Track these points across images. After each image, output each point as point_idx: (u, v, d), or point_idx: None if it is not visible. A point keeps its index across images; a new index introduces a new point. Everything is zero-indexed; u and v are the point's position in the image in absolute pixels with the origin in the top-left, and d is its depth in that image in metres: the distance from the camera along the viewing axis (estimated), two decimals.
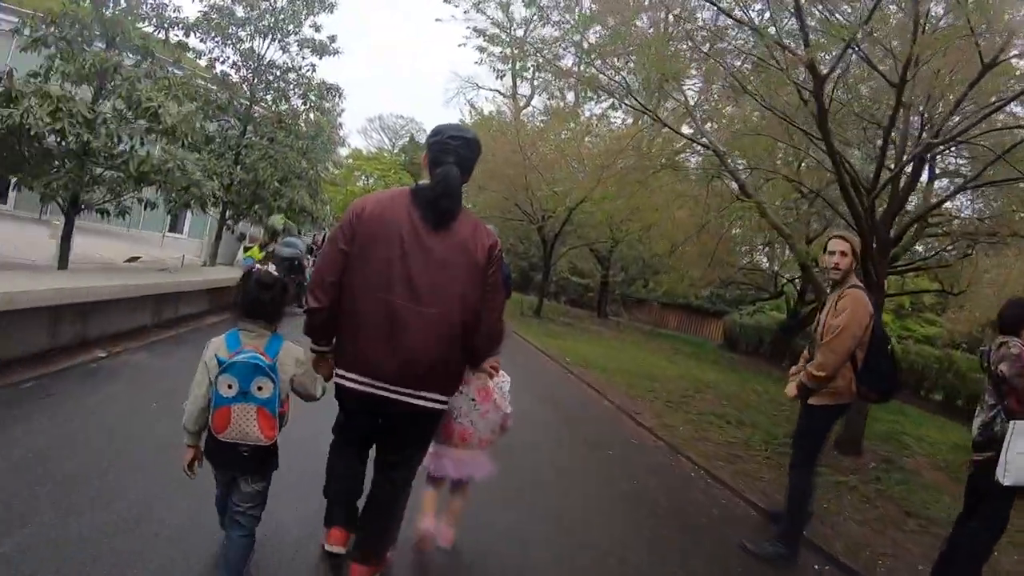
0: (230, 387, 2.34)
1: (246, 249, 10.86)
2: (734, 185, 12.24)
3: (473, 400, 3.00)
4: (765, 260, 20.80)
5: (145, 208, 8.86)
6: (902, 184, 7.15)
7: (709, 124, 9.57)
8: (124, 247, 16.33)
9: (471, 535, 3.37)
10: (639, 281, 29.15)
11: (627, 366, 11.90)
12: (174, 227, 26.43)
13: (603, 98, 10.97)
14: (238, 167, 11.46)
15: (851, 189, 6.57)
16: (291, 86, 12.31)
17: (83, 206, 8.01)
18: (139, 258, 10.53)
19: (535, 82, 33.52)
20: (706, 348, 21.05)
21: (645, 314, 31.30)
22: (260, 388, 2.36)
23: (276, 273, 2.58)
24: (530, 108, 27.58)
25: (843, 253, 4.06)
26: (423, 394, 2.55)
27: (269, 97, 12.45)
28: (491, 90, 34.34)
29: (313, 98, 12.52)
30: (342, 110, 19.57)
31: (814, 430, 4.25)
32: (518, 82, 33.38)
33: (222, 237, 12.56)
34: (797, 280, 19.27)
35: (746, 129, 8.75)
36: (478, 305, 2.56)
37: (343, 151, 55.46)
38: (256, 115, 12.29)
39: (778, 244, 17.63)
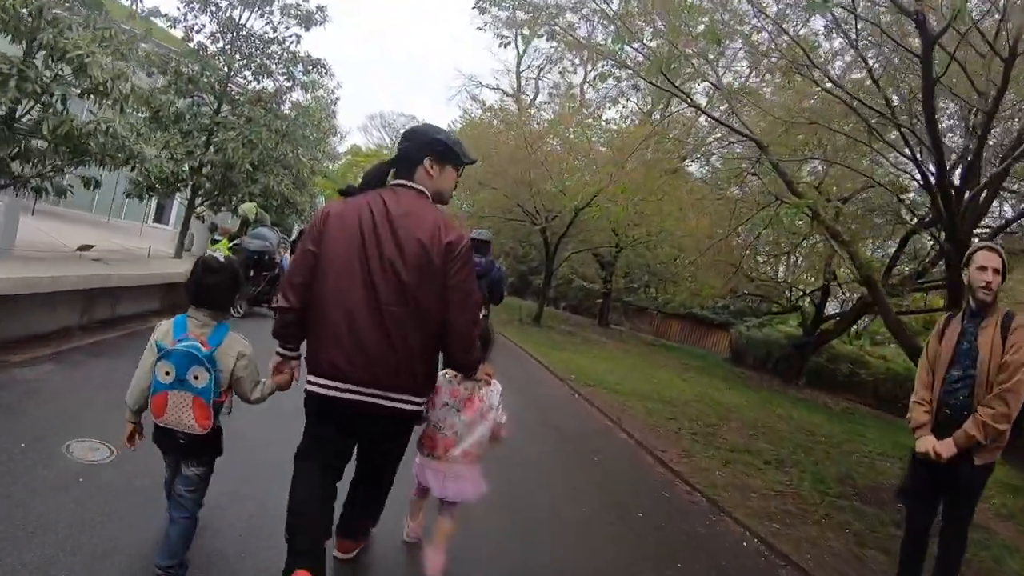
0: (167, 374, 2.35)
1: (214, 241, 9.57)
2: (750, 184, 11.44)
3: (458, 411, 2.90)
4: (781, 270, 19.57)
5: (88, 188, 7.50)
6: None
7: (747, 112, 8.30)
8: (93, 235, 15.08)
9: None
10: (642, 289, 28.28)
11: (639, 385, 10.66)
12: (160, 217, 25.08)
13: (622, 79, 9.67)
14: (210, 148, 10.12)
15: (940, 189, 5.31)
16: (274, 61, 10.97)
17: (5, 182, 6.64)
18: (92, 247, 9.19)
19: (540, 81, 32.74)
20: (712, 362, 20.08)
21: (646, 323, 30.12)
22: (196, 377, 2.36)
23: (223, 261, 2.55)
24: (535, 109, 26.27)
25: (996, 271, 3.26)
26: (389, 395, 2.49)
27: (249, 73, 11.12)
28: (495, 88, 32.94)
29: (298, 74, 11.17)
30: (336, 98, 18.38)
31: (975, 493, 3.40)
32: (523, 82, 32.41)
33: (189, 227, 11.21)
34: (810, 294, 18.24)
35: (791, 116, 7.51)
36: (436, 304, 2.49)
37: (341, 147, 55.31)
38: (233, 92, 10.95)
39: (797, 254, 16.54)
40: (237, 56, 10.72)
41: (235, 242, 9.29)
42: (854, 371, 17.57)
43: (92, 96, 6.01)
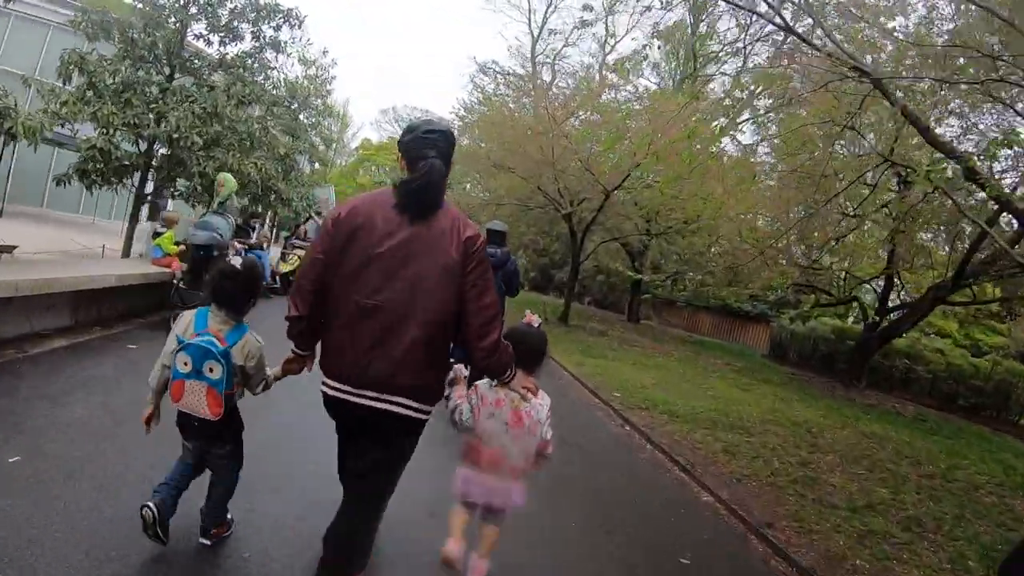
0: (185, 364, 2.53)
1: (157, 234, 7.62)
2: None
3: (505, 424, 2.75)
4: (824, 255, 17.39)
5: None
6: None
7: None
8: (56, 235, 13.38)
9: None
10: (671, 281, 26.45)
11: (697, 402, 8.62)
12: (156, 214, 23.50)
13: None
14: (162, 125, 8.16)
15: None
16: (236, 16, 8.98)
17: None
18: (15, 248, 7.38)
19: (555, 65, 30.62)
20: (755, 360, 18.20)
21: (676, 317, 28.21)
22: (211, 370, 2.52)
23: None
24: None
25: None
26: (391, 399, 2.39)
27: (215, 37, 9.17)
28: (510, 73, 30.76)
29: (267, 30, 9.19)
30: (333, 76, 16.50)
31: None
32: (538, 68, 30.28)
33: (138, 218, 9.28)
34: (868, 283, 16.08)
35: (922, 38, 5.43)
36: (453, 304, 2.40)
37: (354, 143, 53.82)
38: (190, 57, 8.99)
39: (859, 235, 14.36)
40: (192, 9, 8.72)
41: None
42: (910, 367, 15.68)
43: None
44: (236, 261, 2.76)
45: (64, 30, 18.30)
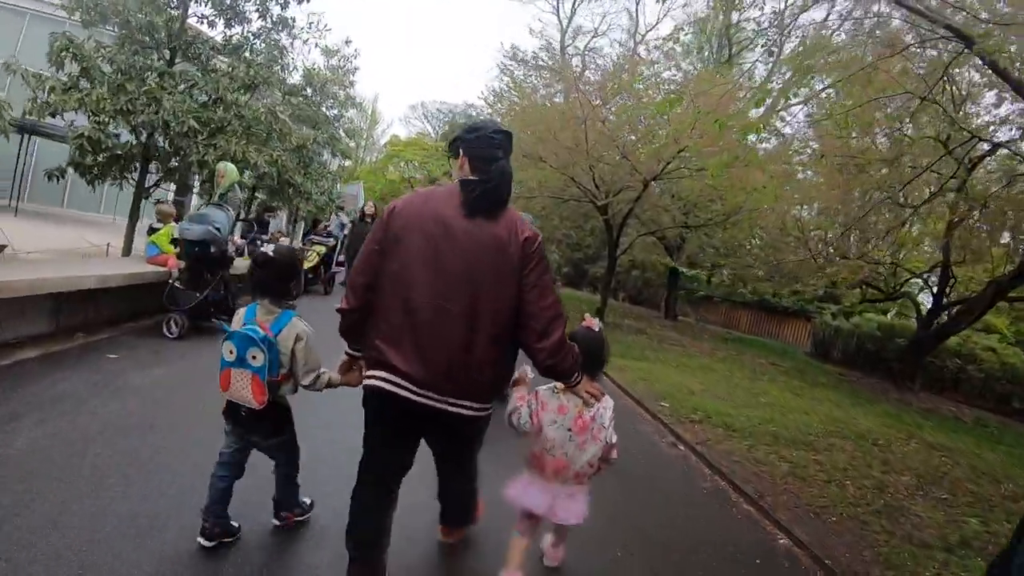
0: (231, 352, 2.56)
1: (152, 230, 6.94)
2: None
3: (569, 431, 2.66)
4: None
5: None
6: None
7: None
8: (71, 234, 12.96)
9: None
10: (707, 276, 25.49)
11: (753, 411, 7.78)
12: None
13: None
14: (158, 112, 7.49)
15: None
16: None
17: None
18: (3, 247, 6.79)
19: (585, 57, 29.54)
20: (799, 359, 17.29)
21: (712, 313, 27.12)
22: (254, 357, 2.53)
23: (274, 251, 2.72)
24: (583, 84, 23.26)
25: None
26: (450, 400, 2.37)
27: (220, 21, 8.48)
28: (539, 64, 29.84)
29: (273, 8, 8.46)
30: (355, 67, 15.81)
31: None
32: (567, 58, 29.27)
33: (139, 214, 8.64)
34: (921, 276, 14.96)
35: None
36: (512, 304, 2.37)
37: (383, 139, 53.38)
38: (190, 38, 8.31)
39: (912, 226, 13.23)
40: None
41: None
42: (962, 367, 14.71)
43: None
44: (269, 248, 2.74)
45: (42, 18, 18.05)
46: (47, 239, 10.21)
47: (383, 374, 2.37)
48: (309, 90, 13.50)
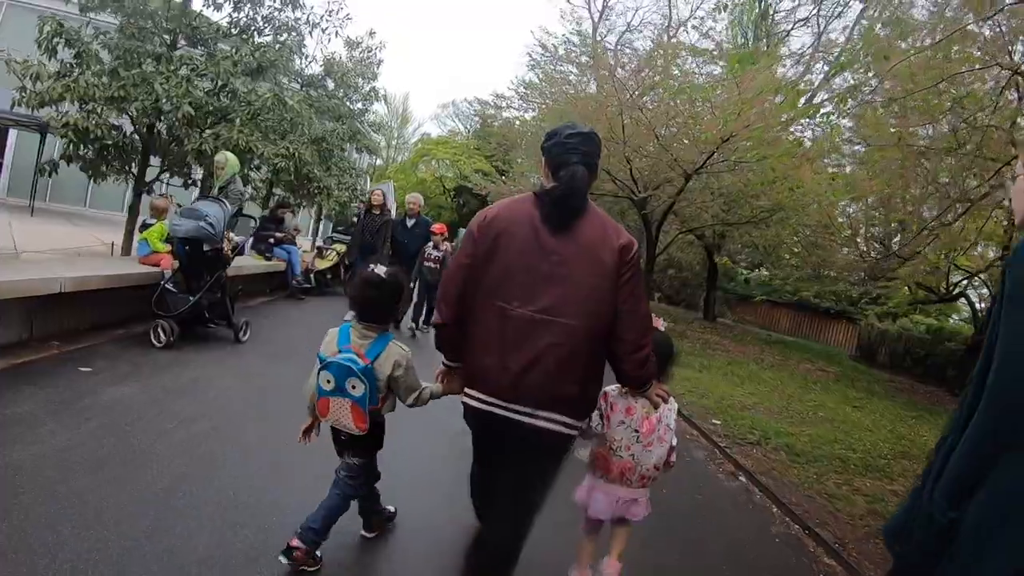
0: (328, 382, 2.50)
1: (145, 226, 6.29)
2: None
3: (636, 432, 2.62)
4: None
5: None
6: None
7: None
8: (86, 235, 12.60)
9: None
10: (743, 275, 24.49)
11: (810, 427, 7.00)
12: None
13: None
14: (153, 97, 6.85)
15: None
16: None
17: None
18: None
19: (618, 52, 28.50)
20: (844, 362, 16.56)
21: (751, 313, 26.23)
22: (353, 387, 2.48)
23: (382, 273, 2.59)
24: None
25: None
26: (542, 414, 2.26)
27: (227, 4, 7.85)
28: (568, 55, 29.01)
29: None
30: (380, 60, 15.18)
31: None
32: (600, 42, 28.31)
33: (139, 209, 8.01)
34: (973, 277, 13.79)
35: None
36: (608, 313, 2.27)
37: (414, 137, 53.08)
38: (194, 22, 7.66)
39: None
40: None
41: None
42: None
43: None
44: (380, 269, 2.62)
45: (15, 6, 17.66)
46: (52, 238, 9.74)
47: (477, 394, 2.33)
48: (330, 82, 12.88)
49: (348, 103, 14.36)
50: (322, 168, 10.61)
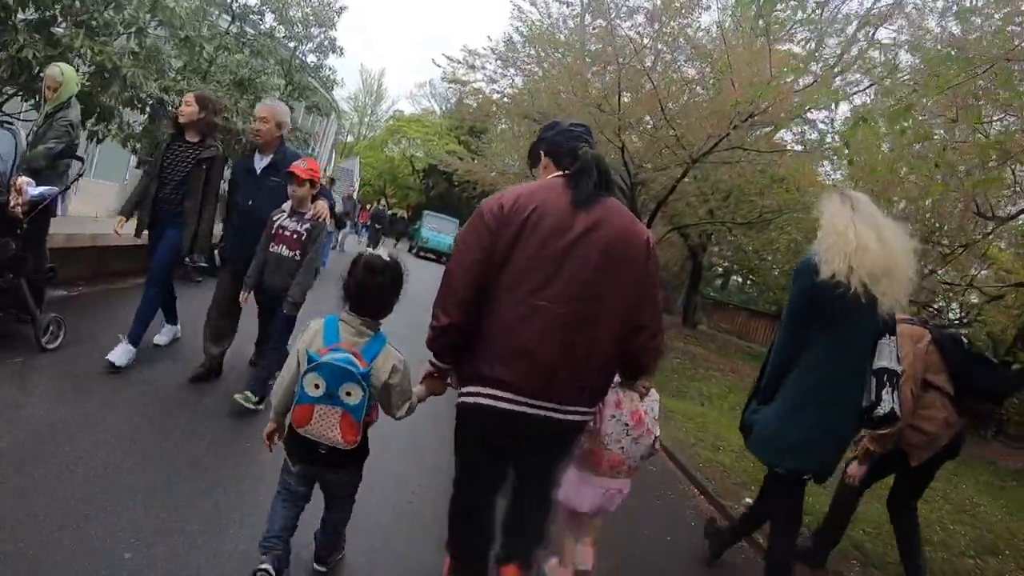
0: (317, 387, 2.11)
1: None
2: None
3: (627, 425, 2.61)
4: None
5: None
6: None
7: None
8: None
9: None
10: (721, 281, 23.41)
11: (876, 506, 5.18)
12: None
13: None
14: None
15: None
16: None
17: None
18: None
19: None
20: None
21: (727, 321, 25.36)
22: (349, 394, 2.11)
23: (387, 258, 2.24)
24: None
25: None
26: (568, 408, 2.18)
27: None
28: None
29: None
30: (342, 7, 13.04)
31: None
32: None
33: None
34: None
35: None
36: (637, 304, 2.22)
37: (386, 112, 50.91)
38: None
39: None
40: None
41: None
42: None
43: None
44: (382, 251, 2.25)
45: None
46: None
47: (489, 390, 2.13)
48: (270, 16, 10.68)
49: (292, 45, 12.19)
50: (242, 118, 8.37)
